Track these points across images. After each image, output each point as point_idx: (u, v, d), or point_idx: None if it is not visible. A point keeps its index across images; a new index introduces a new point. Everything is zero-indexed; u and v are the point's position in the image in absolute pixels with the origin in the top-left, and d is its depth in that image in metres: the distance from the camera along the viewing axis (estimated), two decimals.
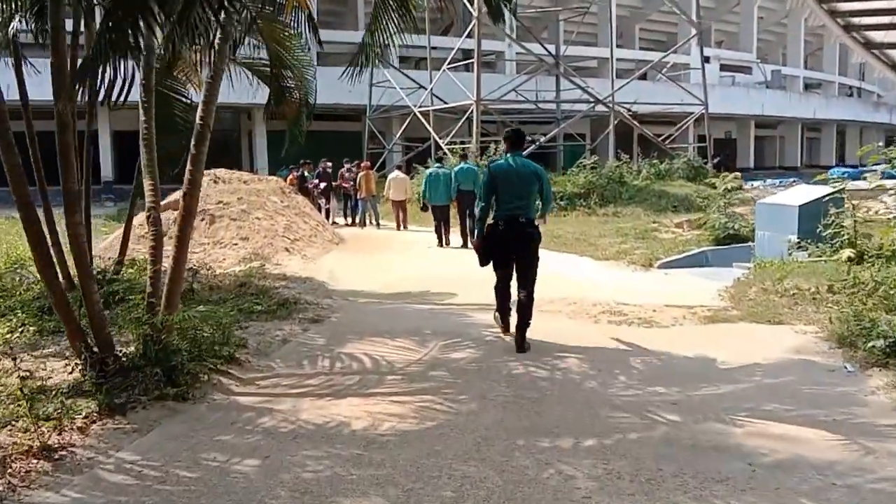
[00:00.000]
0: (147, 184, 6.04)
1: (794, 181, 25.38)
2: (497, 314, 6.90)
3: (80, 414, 4.37)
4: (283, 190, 15.46)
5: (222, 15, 5.18)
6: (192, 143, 5.44)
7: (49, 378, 5.05)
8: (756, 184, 27.45)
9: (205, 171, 16.17)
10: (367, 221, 19.19)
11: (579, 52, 37.82)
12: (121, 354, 5.19)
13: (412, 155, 29.91)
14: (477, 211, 6.99)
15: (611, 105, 26.50)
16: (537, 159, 23.58)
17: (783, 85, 48.48)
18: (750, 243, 11.18)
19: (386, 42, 7.75)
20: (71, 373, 5.06)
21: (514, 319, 6.51)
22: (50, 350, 5.99)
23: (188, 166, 5.39)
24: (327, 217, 19.84)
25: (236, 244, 12.19)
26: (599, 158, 27.30)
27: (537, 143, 25.56)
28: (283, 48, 8.08)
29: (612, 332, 6.85)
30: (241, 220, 12.94)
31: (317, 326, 6.98)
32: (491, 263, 6.75)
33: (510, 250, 6.58)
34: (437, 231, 14.60)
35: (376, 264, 12.11)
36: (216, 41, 5.87)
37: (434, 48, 30.72)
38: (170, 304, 5.56)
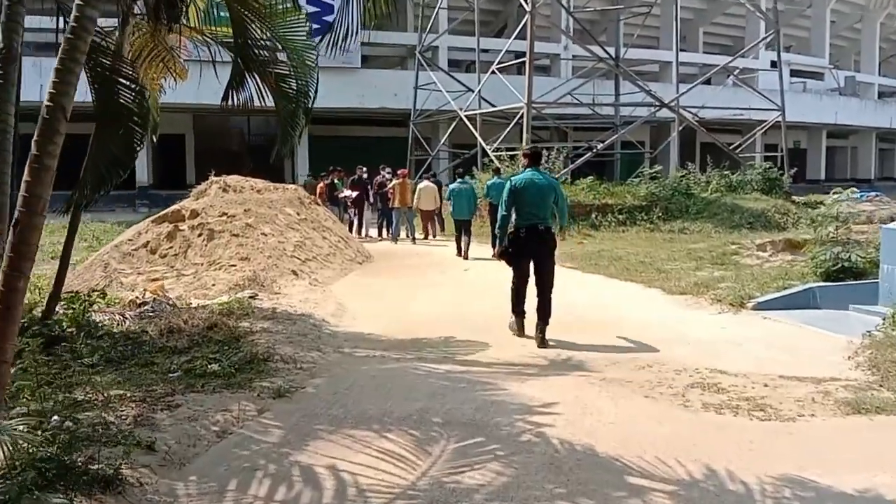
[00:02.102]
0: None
1: (878, 195, 22.55)
2: (512, 319, 7.38)
3: None
4: (301, 200, 13.48)
5: None
6: (35, 138, 3.22)
7: None
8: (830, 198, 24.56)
9: (215, 179, 14.50)
10: (407, 235, 17.18)
11: (640, 55, 35.33)
12: None
13: (458, 162, 27.83)
14: (498, 218, 7.49)
15: (676, 109, 23.97)
16: (592, 168, 21.43)
17: (857, 92, 45.10)
18: (871, 279, 8.76)
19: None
20: None
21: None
22: None
23: (25, 176, 3.16)
24: (359, 230, 17.90)
25: (234, 266, 10.22)
26: (662, 168, 24.94)
27: (594, 150, 23.21)
28: (255, 12, 6.01)
29: (715, 430, 4.58)
30: (244, 236, 10.99)
31: (281, 404, 4.88)
32: (512, 268, 7.37)
33: (530, 255, 7.24)
34: (458, 241, 14.37)
35: (398, 292, 10.01)
36: None
37: (485, 51, 28.60)
38: None
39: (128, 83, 6.41)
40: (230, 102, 6.31)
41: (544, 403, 4.90)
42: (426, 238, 17.24)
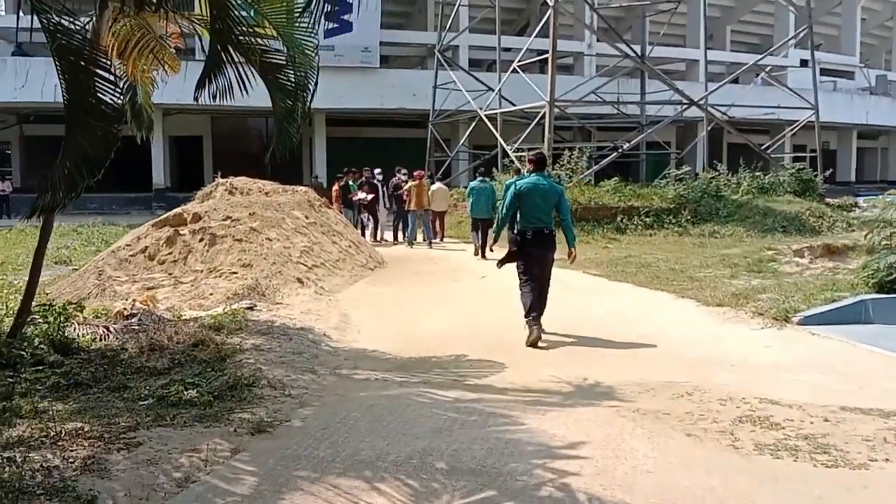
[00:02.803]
0: None
1: None
2: (526, 321, 7.25)
3: None
4: (311, 203, 12.81)
5: None
6: None
7: None
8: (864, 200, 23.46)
9: (221, 181, 13.89)
10: (424, 238, 16.50)
11: (666, 53, 34.41)
12: None
13: (478, 163, 27.09)
14: (498, 217, 8.04)
15: (705, 108, 23.06)
16: (617, 168, 20.64)
17: (888, 91, 43.74)
18: None
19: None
20: None
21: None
22: None
23: None
24: (374, 235, 17.22)
25: (235, 273, 9.56)
26: (689, 169, 24.05)
27: (620, 150, 22.37)
28: None
29: (774, 481, 3.80)
30: (247, 241, 10.33)
31: (260, 442, 4.18)
32: (519, 272, 7.56)
33: (536, 256, 7.45)
34: (476, 241, 14.44)
35: (409, 302, 9.31)
36: None
37: (507, 49, 27.85)
38: None
39: (106, 74, 5.74)
40: (208, 94, 5.61)
41: (569, 444, 4.16)
42: (434, 238, 16.87)
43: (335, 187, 18.02)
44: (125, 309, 7.55)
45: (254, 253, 10.03)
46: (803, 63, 34.54)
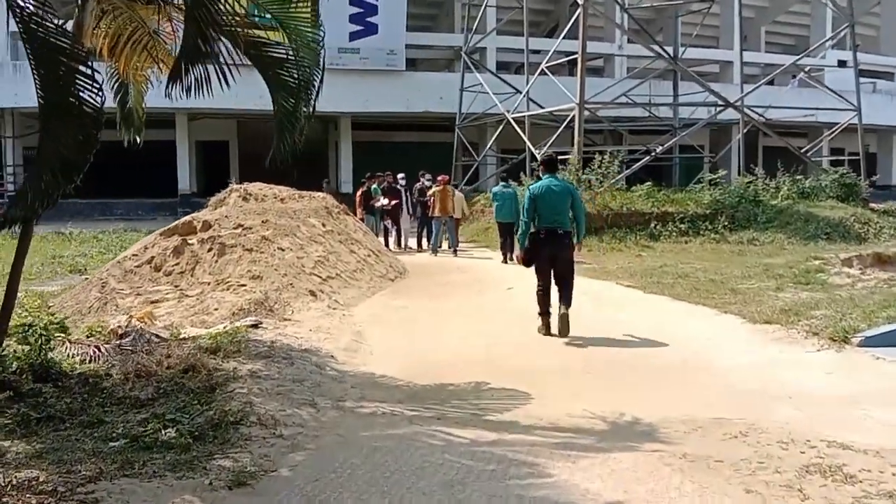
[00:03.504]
0: None
1: None
2: (540, 318, 7.68)
3: None
4: (329, 209, 12.22)
5: None
6: None
7: None
8: None
9: (236, 186, 13.36)
10: (449, 246, 15.88)
11: (699, 55, 33.47)
12: None
13: (506, 167, 26.40)
14: (521, 225, 8.03)
15: (742, 109, 22.15)
16: (648, 173, 19.86)
17: None
18: None
19: None
20: None
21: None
22: None
23: None
24: (398, 242, 16.63)
25: (244, 285, 8.98)
26: (725, 173, 23.19)
27: (653, 153, 21.54)
28: None
29: None
30: (258, 250, 9.75)
31: (237, 499, 3.53)
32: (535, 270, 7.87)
33: (550, 255, 7.72)
34: (503, 248, 14.45)
35: (428, 318, 8.66)
36: None
37: (535, 52, 27.11)
38: None
39: (86, 70, 5.16)
40: (182, 90, 4.98)
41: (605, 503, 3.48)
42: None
43: (358, 192, 17.46)
44: (119, 327, 6.98)
45: (264, 264, 9.45)
46: (841, 63, 33.38)
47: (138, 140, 7.70)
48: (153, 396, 5.11)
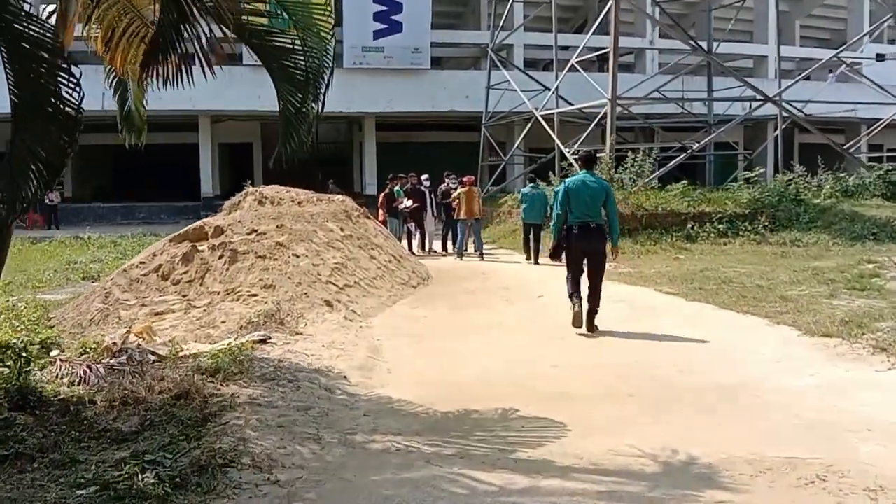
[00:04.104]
0: None
1: None
2: (571, 301, 7.80)
3: None
4: (348, 213, 11.61)
5: None
6: None
7: None
8: None
9: (252, 189, 12.80)
10: (475, 249, 15.24)
11: (734, 49, 32.47)
12: None
13: (535, 167, 25.67)
14: (553, 217, 8.17)
15: (781, 104, 21.22)
16: (681, 171, 19.09)
17: None
18: None
19: None
20: None
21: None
22: None
23: None
24: (422, 246, 16.01)
25: (255, 295, 8.39)
26: (763, 171, 22.28)
27: (690, 150, 20.72)
28: None
29: None
30: (272, 257, 9.16)
31: None
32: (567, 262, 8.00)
33: (583, 249, 7.85)
34: (526, 246, 14.53)
35: (453, 330, 7.99)
36: None
37: (564, 48, 26.35)
38: None
39: (65, 65, 4.57)
40: (160, 79, 4.36)
41: None
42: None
43: (381, 195, 16.88)
44: (114, 343, 6.41)
45: (278, 272, 8.85)
46: (879, 57, 32.18)
47: (140, 143, 7.14)
48: (138, 429, 4.51)
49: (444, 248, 16.18)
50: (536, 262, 13.91)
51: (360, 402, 5.28)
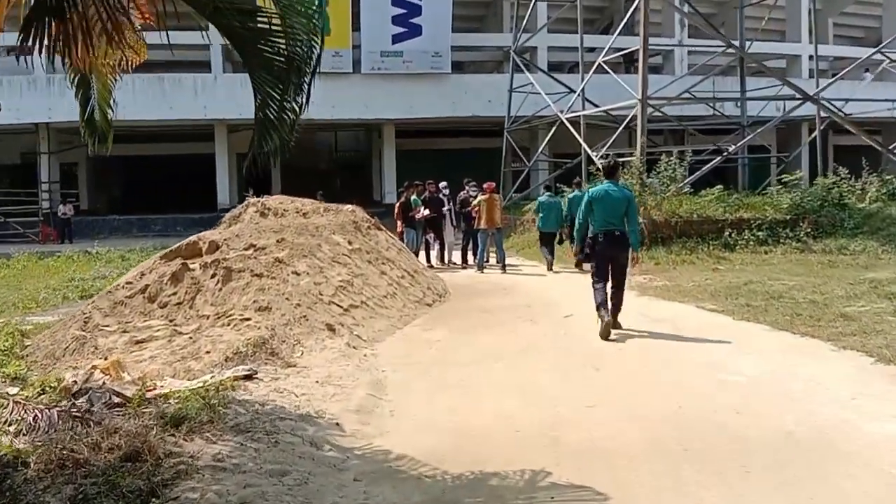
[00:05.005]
0: None
1: None
2: (598, 313, 7.82)
3: None
4: (357, 225, 10.68)
5: None
6: None
7: None
8: None
9: (253, 200, 11.90)
10: (497, 261, 14.31)
11: (766, 48, 31.22)
12: None
13: (560, 172, 24.63)
14: (577, 223, 8.49)
15: (820, 102, 20.02)
16: (713, 175, 18.03)
17: None
18: None
19: None
20: None
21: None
22: None
23: None
24: (441, 258, 15.07)
25: (247, 319, 7.46)
26: (803, 174, 21.09)
27: (725, 153, 19.60)
28: None
29: None
30: (269, 275, 8.25)
31: None
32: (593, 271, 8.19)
33: (608, 256, 8.02)
34: (544, 255, 14.33)
35: (470, 358, 7.00)
36: None
37: (590, 50, 25.27)
38: None
39: None
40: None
41: None
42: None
43: (397, 203, 15.94)
44: (75, 382, 5.52)
45: (274, 292, 7.93)
46: None
47: (106, 150, 6.24)
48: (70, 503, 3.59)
49: (464, 259, 15.20)
50: (550, 269, 13.93)
51: (351, 460, 4.31)
